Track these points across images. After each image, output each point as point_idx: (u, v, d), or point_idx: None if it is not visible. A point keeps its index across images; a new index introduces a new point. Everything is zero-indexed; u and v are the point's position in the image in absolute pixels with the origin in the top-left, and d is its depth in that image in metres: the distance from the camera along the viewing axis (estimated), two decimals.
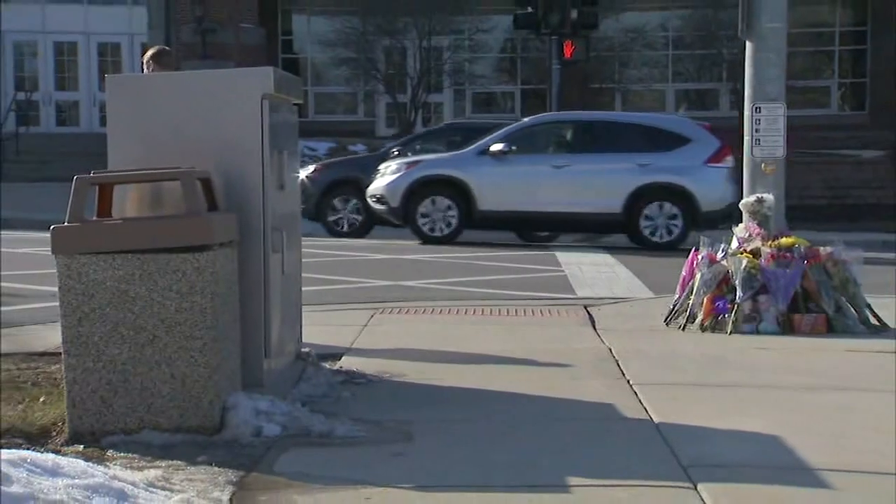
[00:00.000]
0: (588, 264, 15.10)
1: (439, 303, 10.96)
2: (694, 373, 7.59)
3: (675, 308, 9.57)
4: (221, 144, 6.36)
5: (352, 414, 6.22)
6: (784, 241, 9.43)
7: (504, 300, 11.53)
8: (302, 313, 7.59)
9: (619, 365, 7.78)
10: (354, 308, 10.56)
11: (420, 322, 9.75)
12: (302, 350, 7.48)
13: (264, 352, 6.43)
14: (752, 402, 6.63)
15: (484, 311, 10.45)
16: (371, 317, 9.88)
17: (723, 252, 9.44)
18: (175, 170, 6.00)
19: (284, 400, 6.23)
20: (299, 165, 7.54)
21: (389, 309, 10.40)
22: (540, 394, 6.86)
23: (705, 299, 9.30)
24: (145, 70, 9.51)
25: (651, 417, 6.21)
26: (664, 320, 9.57)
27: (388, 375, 7.39)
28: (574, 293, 12.27)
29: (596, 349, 8.46)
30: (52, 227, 5.74)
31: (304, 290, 7.71)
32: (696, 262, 9.51)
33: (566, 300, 11.44)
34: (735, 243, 9.54)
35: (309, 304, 8.43)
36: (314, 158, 23.88)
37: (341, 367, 7.60)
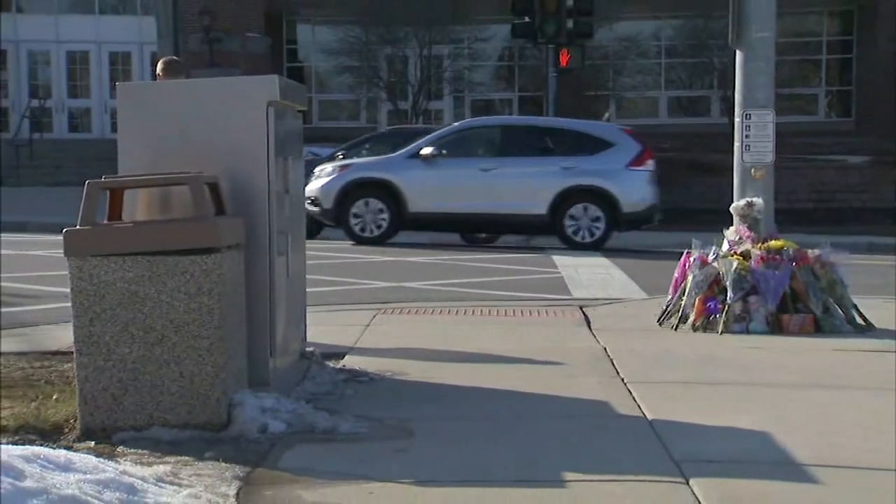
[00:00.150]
0: (584, 266, 15.15)
1: (440, 303, 10.98)
2: (686, 371, 7.62)
3: (668, 309, 9.63)
4: (228, 150, 6.40)
5: (355, 411, 6.27)
6: (773, 243, 9.48)
7: (503, 301, 11.56)
8: (306, 313, 7.64)
9: (613, 364, 7.83)
10: (357, 308, 10.60)
11: (421, 322, 9.79)
12: (306, 349, 7.53)
13: (270, 351, 6.48)
14: (742, 399, 6.67)
15: (483, 311, 10.49)
16: (373, 317, 9.92)
17: (714, 254, 9.50)
18: (183, 175, 6.03)
19: (289, 398, 6.28)
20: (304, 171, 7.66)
21: (391, 309, 10.44)
22: (537, 392, 6.91)
23: (697, 300, 9.36)
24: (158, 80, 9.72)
25: (645, 414, 6.27)
26: (657, 320, 9.63)
27: (389, 374, 7.43)
28: (570, 294, 12.33)
29: (591, 348, 8.51)
30: (64, 230, 5.79)
31: (308, 290, 7.77)
32: (688, 265, 9.57)
33: (562, 301, 11.47)
34: (726, 246, 9.58)
35: (313, 305, 8.47)
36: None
37: (344, 365, 7.63)
